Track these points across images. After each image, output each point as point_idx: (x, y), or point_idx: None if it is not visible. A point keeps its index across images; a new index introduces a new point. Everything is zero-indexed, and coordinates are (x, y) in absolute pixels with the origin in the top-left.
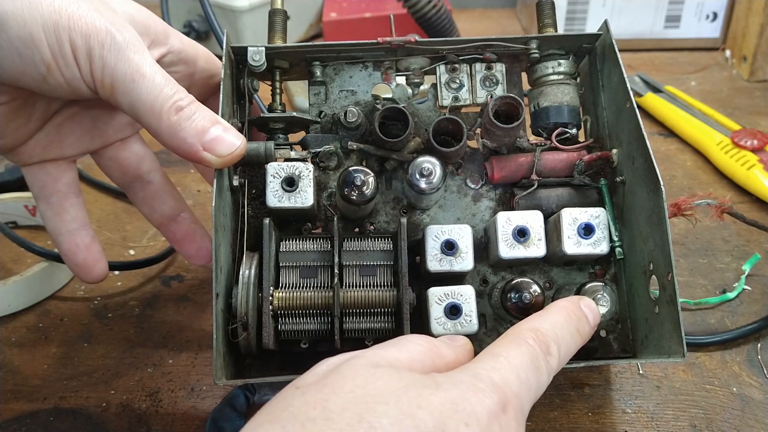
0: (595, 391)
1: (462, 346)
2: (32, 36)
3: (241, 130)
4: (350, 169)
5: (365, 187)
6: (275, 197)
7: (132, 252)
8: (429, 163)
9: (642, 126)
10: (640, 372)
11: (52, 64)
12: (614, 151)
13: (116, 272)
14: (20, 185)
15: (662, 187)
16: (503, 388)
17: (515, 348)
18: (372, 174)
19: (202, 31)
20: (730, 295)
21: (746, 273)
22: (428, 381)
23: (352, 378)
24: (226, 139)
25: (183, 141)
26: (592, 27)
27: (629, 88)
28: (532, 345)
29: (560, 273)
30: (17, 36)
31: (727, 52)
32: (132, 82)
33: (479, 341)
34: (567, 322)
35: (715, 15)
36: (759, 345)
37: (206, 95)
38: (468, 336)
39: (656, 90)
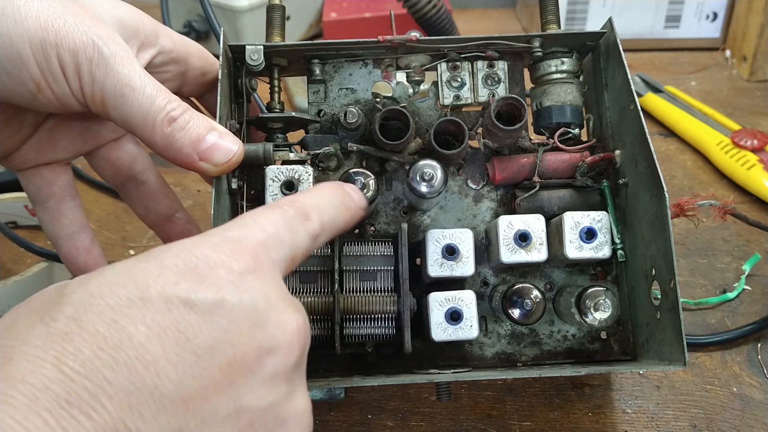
0: (595, 391)
1: None
2: (20, 54)
3: (239, 131)
4: (350, 171)
5: (366, 190)
6: (274, 201)
7: (132, 252)
8: (430, 167)
9: (646, 130)
10: (640, 372)
11: (41, 81)
12: (617, 152)
13: None
14: (20, 185)
15: (666, 194)
16: (241, 240)
17: (267, 211)
18: (372, 176)
19: (202, 31)
20: (731, 295)
21: (746, 273)
22: (144, 256)
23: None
24: (222, 146)
25: (179, 152)
26: (592, 27)
27: (633, 90)
28: (287, 209)
29: (561, 275)
30: (4, 55)
31: (727, 52)
32: (122, 96)
33: (480, 344)
34: (330, 194)
35: (715, 15)
36: (759, 345)
37: (201, 92)
38: (468, 341)
39: (656, 90)
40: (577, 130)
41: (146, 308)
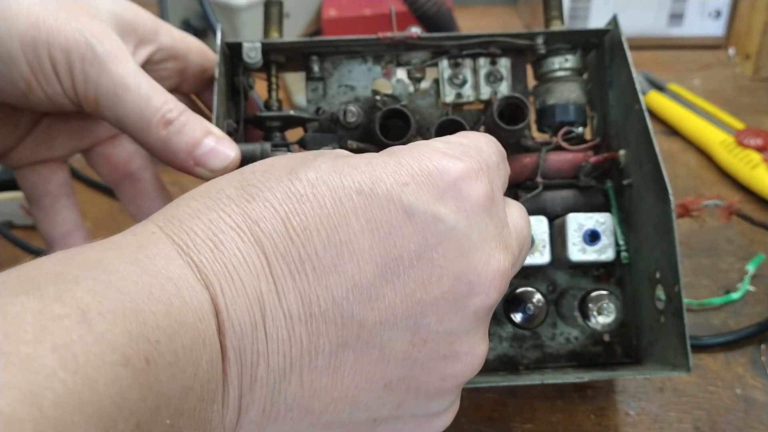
0: (598, 393)
1: None
2: (10, 54)
3: (237, 129)
4: None
5: None
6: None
7: None
8: None
9: (651, 131)
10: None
11: (32, 81)
12: (621, 152)
13: None
14: (16, 185)
15: (671, 197)
16: (479, 160)
17: (485, 138)
18: None
19: (200, 29)
20: (734, 295)
21: (750, 273)
22: (383, 152)
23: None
24: (219, 151)
25: (174, 155)
26: (594, 24)
27: (638, 90)
28: (492, 138)
29: (564, 276)
30: None
31: (731, 50)
32: (116, 96)
33: None
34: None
35: (719, 13)
36: (762, 346)
37: (200, 89)
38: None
39: (659, 88)
40: (580, 129)
41: (370, 201)
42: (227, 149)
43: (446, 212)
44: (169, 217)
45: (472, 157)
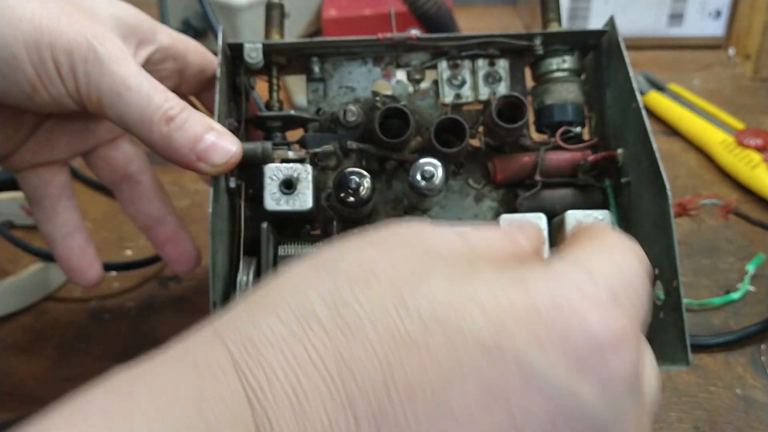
0: None
1: (537, 232)
2: (14, 56)
3: (238, 129)
4: (345, 171)
5: (361, 189)
6: (273, 200)
7: (129, 252)
8: (431, 165)
9: (649, 128)
10: None
11: (36, 83)
12: (620, 150)
13: (114, 273)
14: (17, 184)
15: (668, 192)
16: (627, 303)
17: (624, 249)
18: (368, 176)
19: (200, 29)
20: (734, 295)
21: (750, 273)
22: (510, 271)
23: (409, 236)
24: (221, 146)
25: (176, 151)
26: (594, 24)
27: (636, 89)
28: (641, 258)
29: None
30: (0, 58)
31: (731, 50)
32: (118, 95)
33: None
34: (635, 262)
35: (719, 13)
36: (762, 346)
37: (199, 90)
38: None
39: (659, 88)
40: (578, 129)
41: (493, 362)
42: (229, 144)
43: (584, 389)
44: (244, 340)
45: (624, 310)
